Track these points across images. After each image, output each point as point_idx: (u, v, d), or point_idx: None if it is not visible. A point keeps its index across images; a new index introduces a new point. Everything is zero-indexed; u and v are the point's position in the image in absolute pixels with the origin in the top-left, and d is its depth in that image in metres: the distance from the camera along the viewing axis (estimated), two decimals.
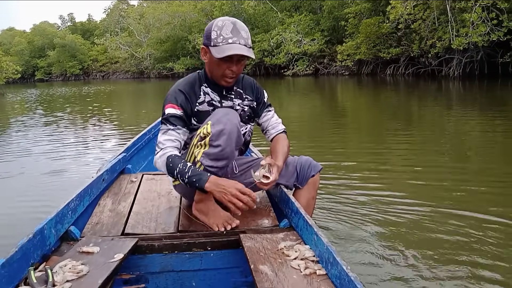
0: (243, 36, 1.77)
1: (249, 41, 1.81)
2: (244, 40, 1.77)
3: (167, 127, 1.83)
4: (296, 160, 2.02)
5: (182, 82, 1.95)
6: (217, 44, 1.77)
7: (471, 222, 2.72)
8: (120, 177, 2.69)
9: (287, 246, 1.59)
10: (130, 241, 1.67)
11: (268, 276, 1.40)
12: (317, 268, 1.43)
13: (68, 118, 10.56)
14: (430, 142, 5.53)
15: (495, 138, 5.65)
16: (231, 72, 1.83)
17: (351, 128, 7.44)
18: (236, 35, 1.76)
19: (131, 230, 1.83)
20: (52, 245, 1.67)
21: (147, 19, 42.62)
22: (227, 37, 1.75)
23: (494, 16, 14.88)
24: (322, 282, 1.36)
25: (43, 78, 56.76)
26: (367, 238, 2.55)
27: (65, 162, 5.23)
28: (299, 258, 1.51)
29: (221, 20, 1.80)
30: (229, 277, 1.78)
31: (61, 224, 1.75)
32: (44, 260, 1.58)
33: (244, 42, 1.77)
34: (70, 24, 65.05)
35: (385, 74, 22.32)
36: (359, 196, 3.33)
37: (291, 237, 1.70)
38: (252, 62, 30.43)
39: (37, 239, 1.55)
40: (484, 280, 2.03)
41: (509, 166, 4.26)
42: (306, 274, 1.41)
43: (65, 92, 24.35)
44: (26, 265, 1.45)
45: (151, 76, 43.83)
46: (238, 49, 1.75)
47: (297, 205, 1.79)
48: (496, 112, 7.94)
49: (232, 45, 1.75)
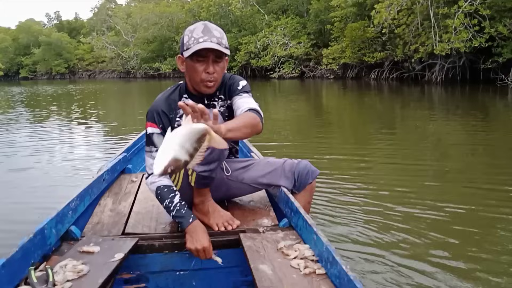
0: (215, 35, 1.71)
1: (224, 40, 1.74)
2: (217, 39, 1.71)
3: (150, 148, 1.80)
4: (294, 166, 2.00)
5: (162, 98, 1.87)
6: (189, 46, 1.72)
7: (459, 219, 2.85)
8: (121, 177, 2.70)
9: (287, 246, 1.60)
10: (131, 241, 1.68)
11: (267, 276, 1.41)
12: (316, 267, 1.43)
13: (61, 117, 10.45)
14: (412, 145, 5.72)
15: (475, 141, 5.82)
16: (208, 75, 1.76)
17: (335, 130, 7.60)
18: (207, 34, 1.71)
19: (131, 229, 1.84)
20: (53, 245, 1.68)
21: (134, 18, 42.27)
22: (198, 37, 1.71)
23: (476, 22, 15.13)
24: (321, 282, 1.36)
25: (28, 76, 55.72)
26: (358, 237, 2.61)
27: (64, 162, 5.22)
28: (298, 257, 1.51)
29: (193, 24, 1.77)
30: (229, 277, 1.79)
31: (61, 224, 1.75)
32: (45, 260, 1.58)
33: (217, 40, 1.71)
34: (56, 22, 64.20)
35: (369, 78, 22.47)
36: (346, 195, 3.43)
37: (290, 237, 1.71)
38: (238, 64, 30.44)
39: (38, 239, 1.55)
40: (481, 277, 2.11)
41: (488, 166, 4.45)
42: (305, 273, 1.41)
43: (52, 91, 23.95)
44: (27, 265, 1.45)
45: (137, 76, 43.38)
46: (208, 45, 1.69)
47: (297, 204, 1.79)
48: (478, 117, 8.11)
49: (202, 43, 1.70)
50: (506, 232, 2.70)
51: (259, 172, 2.01)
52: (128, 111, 12.45)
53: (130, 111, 12.63)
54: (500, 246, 2.50)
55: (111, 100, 17.51)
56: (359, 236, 2.64)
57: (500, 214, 2.98)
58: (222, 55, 1.76)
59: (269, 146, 5.42)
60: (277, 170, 2.00)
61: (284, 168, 2.01)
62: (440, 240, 2.53)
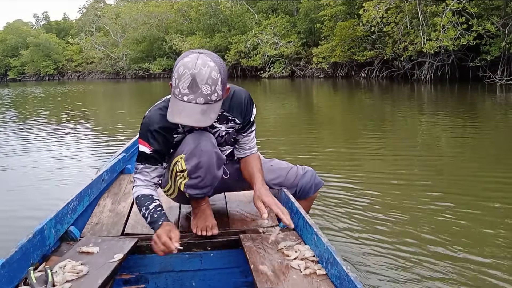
0: (203, 92, 1.48)
1: (214, 95, 1.50)
2: (205, 97, 1.48)
3: (138, 165, 1.73)
4: (298, 179, 1.97)
5: (156, 113, 1.69)
6: (174, 93, 1.52)
7: (454, 216, 2.88)
8: (120, 177, 2.70)
9: (287, 246, 1.60)
10: (130, 241, 1.68)
11: (268, 276, 1.41)
12: (317, 268, 1.44)
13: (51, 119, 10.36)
14: (402, 142, 5.83)
15: (464, 139, 5.90)
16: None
17: (326, 129, 7.68)
18: (194, 91, 1.48)
19: (131, 230, 1.84)
20: (52, 245, 1.68)
21: (123, 18, 41.93)
22: (183, 92, 1.49)
23: (464, 20, 15.26)
24: (322, 282, 1.37)
25: (16, 78, 55.33)
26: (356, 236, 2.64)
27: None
28: (299, 258, 1.51)
29: (183, 64, 1.49)
30: (229, 277, 1.79)
31: (60, 224, 1.75)
32: (44, 260, 1.58)
33: (205, 99, 1.49)
34: (44, 23, 63.62)
35: (359, 77, 22.56)
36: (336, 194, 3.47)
37: (291, 237, 1.70)
38: (228, 64, 30.41)
39: (37, 239, 1.55)
40: (482, 276, 2.13)
41: (477, 162, 4.55)
42: (306, 274, 1.41)
43: (39, 92, 23.75)
44: (26, 265, 1.46)
45: (126, 76, 43.15)
46: (187, 116, 1.48)
47: (297, 205, 1.79)
48: (466, 114, 8.22)
49: (185, 105, 1.49)
50: (496, 223, 2.77)
51: (264, 168, 1.95)
52: (122, 112, 12.37)
53: (124, 111, 12.56)
54: (492, 237, 2.57)
55: (106, 101, 17.43)
56: (349, 231, 2.70)
57: (491, 203, 3.11)
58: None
59: (259, 142, 5.45)
60: (279, 178, 1.99)
61: (288, 178, 1.99)
62: (442, 241, 2.56)
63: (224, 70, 1.55)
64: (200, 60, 1.48)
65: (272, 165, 2.03)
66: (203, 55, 1.51)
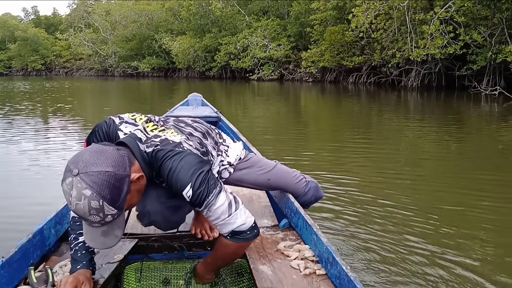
0: (93, 220, 1.27)
1: (108, 218, 1.27)
2: (98, 222, 1.28)
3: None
4: (300, 194, 1.90)
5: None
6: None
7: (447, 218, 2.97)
8: None
9: (287, 246, 1.62)
10: (130, 242, 1.69)
11: (268, 276, 1.43)
12: (316, 268, 1.45)
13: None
14: (388, 148, 5.95)
15: (448, 146, 6.05)
16: None
17: (313, 132, 7.76)
18: (85, 219, 1.29)
19: (130, 230, 1.84)
20: (52, 245, 1.68)
21: (113, 16, 41.44)
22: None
23: (452, 29, 15.44)
24: (321, 282, 1.39)
25: (3, 72, 54.29)
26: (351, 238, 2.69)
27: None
28: (299, 258, 1.53)
29: (64, 193, 1.26)
30: None
31: (60, 225, 1.76)
32: (44, 260, 1.59)
33: (99, 223, 1.28)
34: (33, 17, 62.44)
35: (347, 82, 22.63)
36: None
37: (290, 237, 1.73)
38: (218, 65, 30.36)
39: (37, 239, 1.56)
40: (482, 276, 2.20)
41: (461, 169, 4.68)
42: (305, 274, 1.44)
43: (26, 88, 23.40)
44: (26, 265, 1.46)
45: (115, 74, 42.68)
46: (91, 240, 1.33)
47: (297, 205, 1.81)
48: (451, 124, 8.36)
49: (87, 227, 1.33)
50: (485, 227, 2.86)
51: (259, 180, 1.89)
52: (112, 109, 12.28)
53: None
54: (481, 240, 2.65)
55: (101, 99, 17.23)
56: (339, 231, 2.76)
57: (476, 209, 3.22)
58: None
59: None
60: (280, 187, 1.98)
61: (289, 190, 1.94)
62: (436, 234, 2.67)
63: (110, 187, 1.24)
64: (75, 190, 1.22)
65: (274, 173, 1.93)
66: (78, 179, 1.22)
